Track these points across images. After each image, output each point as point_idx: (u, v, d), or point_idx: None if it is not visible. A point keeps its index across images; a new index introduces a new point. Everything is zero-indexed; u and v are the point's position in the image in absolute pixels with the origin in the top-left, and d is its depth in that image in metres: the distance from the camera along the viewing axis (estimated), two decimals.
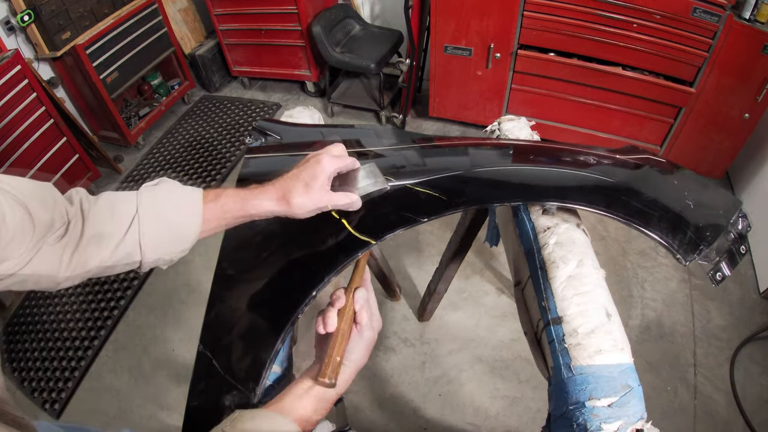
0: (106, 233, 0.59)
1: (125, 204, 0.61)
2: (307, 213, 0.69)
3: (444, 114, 2.89)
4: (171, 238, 0.63)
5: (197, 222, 0.65)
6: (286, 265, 0.80)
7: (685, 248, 0.80)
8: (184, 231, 0.64)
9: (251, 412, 0.56)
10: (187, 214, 0.64)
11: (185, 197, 0.65)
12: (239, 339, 0.74)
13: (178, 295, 2.18)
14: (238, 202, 0.66)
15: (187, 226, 0.64)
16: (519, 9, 2.23)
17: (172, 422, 1.74)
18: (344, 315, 0.64)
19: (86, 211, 0.59)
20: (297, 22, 2.89)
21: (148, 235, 0.61)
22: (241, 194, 0.67)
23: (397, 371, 1.82)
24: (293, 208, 0.68)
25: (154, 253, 0.63)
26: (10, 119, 2.20)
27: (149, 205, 0.62)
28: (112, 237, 0.59)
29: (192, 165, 2.88)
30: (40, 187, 0.57)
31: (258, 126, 1.09)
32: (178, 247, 0.65)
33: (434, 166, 0.91)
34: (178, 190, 0.66)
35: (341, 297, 0.64)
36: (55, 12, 2.43)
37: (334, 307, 0.63)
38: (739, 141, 2.21)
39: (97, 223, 0.59)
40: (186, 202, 0.65)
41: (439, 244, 2.20)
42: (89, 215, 0.59)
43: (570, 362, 0.68)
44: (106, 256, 0.59)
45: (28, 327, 2.14)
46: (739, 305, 1.93)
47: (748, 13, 1.89)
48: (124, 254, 0.60)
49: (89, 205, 0.60)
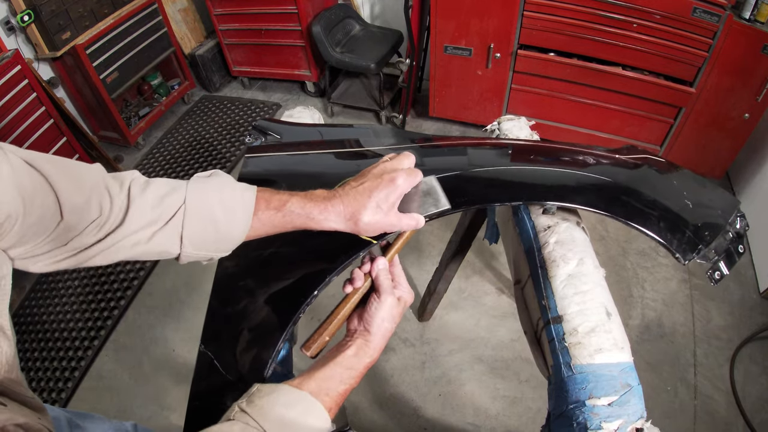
0: (147, 220, 0.56)
1: (174, 194, 0.58)
2: (374, 233, 0.65)
3: (444, 114, 2.89)
4: (215, 237, 0.60)
5: (245, 226, 0.60)
6: (287, 265, 0.80)
7: (684, 248, 0.80)
8: (230, 233, 0.60)
9: (269, 386, 0.56)
10: (236, 215, 0.60)
11: (238, 197, 0.61)
12: (240, 338, 0.74)
13: (178, 295, 2.18)
14: (302, 217, 0.62)
15: (235, 227, 0.60)
16: (519, 9, 2.23)
17: (172, 422, 1.74)
18: (350, 299, 0.65)
19: (133, 197, 0.56)
20: (297, 22, 2.89)
21: (191, 230, 0.58)
22: (306, 207, 0.61)
23: (397, 371, 1.82)
24: (361, 229, 0.63)
25: (195, 249, 0.59)
26: (10, 119, 2.20)
27: (198, 199, 0.58)
28: (154, 224, 0.56)
29: (192, 165, 2.89)
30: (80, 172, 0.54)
31: (258, 126, 1.09)
32: (222, 247, 0.62)
33: (434, 166, 0.91)
34: (230, 188, 0.61)
35: (367, 262, 0.66)
36: (55, 12, 2.43)
37: (360, 269, 0.65)
38: (739, 141, 2.21)
39: (140, 209, 0.56)
40: (238, 203, 0.60)
41: (439, 244, 2.20)
42: (134, 201, 0.56)
43: (570, 361, 0.69)
44: (142, 241, 0.56)
45: (28, 327, 2.14)
46: (739, 305, 1.93)
47: (748, 13, 1.89)
48: (162, 244, 0.57)
49: (139, 190, 0.57)
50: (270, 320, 0.74)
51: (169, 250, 0.58)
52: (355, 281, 0.66)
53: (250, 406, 0.53)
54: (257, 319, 0.75)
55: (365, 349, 0.62)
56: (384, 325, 0.64)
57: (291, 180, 0.96)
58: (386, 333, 0.65)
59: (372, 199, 0.62)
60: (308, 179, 0.95)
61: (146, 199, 0.56)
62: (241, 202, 0.60)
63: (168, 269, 2.29)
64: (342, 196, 0.62)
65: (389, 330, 0.65)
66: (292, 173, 0.99)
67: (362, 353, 0.62)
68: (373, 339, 0.63)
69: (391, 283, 0.66)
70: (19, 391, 0.47)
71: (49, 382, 1.92)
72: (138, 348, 2.01)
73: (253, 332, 0.74)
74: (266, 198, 0.62)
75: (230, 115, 3.26)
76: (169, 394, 1.83)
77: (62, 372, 1.95)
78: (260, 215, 0.61)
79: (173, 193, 0.58)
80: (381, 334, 0.64)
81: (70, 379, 1.92)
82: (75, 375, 1.93)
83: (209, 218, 0.58)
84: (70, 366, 1.97)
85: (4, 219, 0.46)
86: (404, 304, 0.67)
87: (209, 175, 0.62)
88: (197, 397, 0.70)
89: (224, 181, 0.62)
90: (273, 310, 0.75)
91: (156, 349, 2.00)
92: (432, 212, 0.71)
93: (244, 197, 0.61)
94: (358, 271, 0.66)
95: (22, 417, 0.42)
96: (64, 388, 1.89)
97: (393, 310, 0.65)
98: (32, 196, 0.48)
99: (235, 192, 0.61)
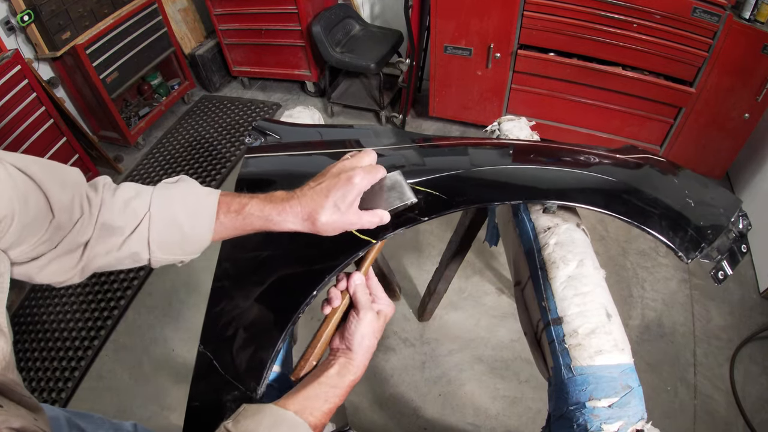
0: (116, 226, 0.58)
1: (139, 199, 0.60)
2: (333, 232, 0.65)
3: (444, 114, 2.89)
4: (181, 241, 0.62)
5: (208, 229, 0.62)
6: (286, 265, 0.80)
7: (687, 246, 0.80)
8: (196, 236, 0.62)
9: (256, 407, 0.56)
10: (200, 220, 0.62)
11: (200, 202, 0.63)
12: (240, 339, 0.74)
13: (178, 295, 2.18)
14: (261, 219, 0.63)
15: (199, 231, 0.62)
16: (519, 9, 2.23)
17: (172, 422, 1.74)
18: (330, 319, 0.65)
19: (105, 201, 0.58)
20: (297, 22, 2.89)
21: (157, 235, 0.60)
22: (265, 210, 0.63)
23: (397, 371, 1.82)
24: (319, 229, 0.63)
25: (163, 253, 0.61)
26: (10, 119, 2.20)
27: (162, 205, 0.60)
28: (122, 232, 0.58)
29: (192, 165, 2.88)
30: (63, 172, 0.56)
31: (257, 126, 1.09)
32: (188, 249, 0.63)
33: (434, 166, 0.91)
34: (193, 194, 0.63)
35: (343, 279, 0.67)
36: (55, 12, 2.43)
37: (336, 288, 0.66)
38: (739, 141, 2.21)
39: (110, 213, 0.58)
40: (200, 208, 0.62)
41: (439, 244, 2.20)
42: (104, 204, 0.58)
43: (570, 362, 0.68)
44: (113, 250, 0.58)
45: (28, 327, 2.14)
46: (739, 305, 1.93)
47: (748, 13, 1.89)
48: (131, 251, 0.59)
49: (109, 194, 0.59)
50: (269, 320, 0.74)
51: (139, 255, 0.60)
52: (333, 301, 0.66)
53: (236, 427, 0.54)
54: (256, 319, 0.75)
55: (348, 367, 0.63)
56: (365, 342, 0.64)
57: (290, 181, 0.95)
58: (368, 349, 0.65)
59: (329, 198, 0.62)
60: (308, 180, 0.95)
61: (114, 202, 0.59)
62: (204, 206, 0.62)
63: (168, 269, 2.29)
64: (300, 197, 0.63)
65: (371, 346, 0.65)
66: (291, 174, 0.99)
67: (345, 371, 0.62)
68: (355, 357, 0.63)
69: (369, 298, 0.66)
70: (16, 390, 0.47)
71: (49, 382, 1.92)
72: (138, 348, 2.01)
73: (252, 332, 0.74)
74: (227, 202, 0.63)
75: (230, 115, 3.26)
76: (169, 394, 1.83)
77: (62, 372, 1.95)
78: (222, 219, 0.63)
79: (138, 198, 0.60)
80: (363, 351, 0.64)
81: (70, 379, 1.92)
82: (75, 375, 1.93)
83: (174, 223, 0.60)
84: (70, 366, 1.97)
85: (1, 218, 0.48)
86: (384, 318, 0.68)
87: (176, 181, 0.64)
88: (196, 397, 0.71)
89: (188, 187, 0.64)
90: (272, 310, 0.75)
91: (156, 349, 2.00)
92: (397, 206, 0.69)
93: (207, 202, 0.63)
94: (335, 290, 0.67)
95: (18, 420, 0.42)
96: (64, 388, 1.89)
97: (373, 324, 0.65)
98: (25, 196, 0.50)
99: (199, 197, 0.63)
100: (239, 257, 0.84)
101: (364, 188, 0.64)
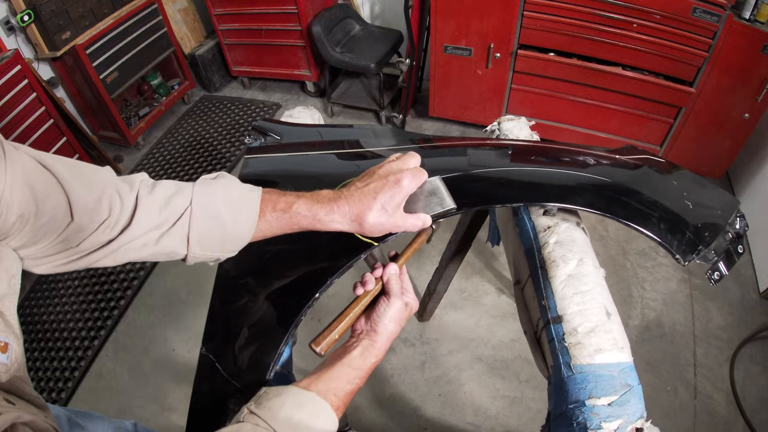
0: (155, 222, 0.57)
1: (180, 195, 0.58)
2: (379, 234, 0.66)
3: (444, 114, 2.89)
4: (222, 237, 0.60)
5: (251, 226, 0.61)
6: (288, 267, 0.80)
7: (684, 248, 0.80)
8: (237, 233, 0.61)
9: (277, 389, 0.56)
10: (242, 215, 0.60)
11: (244, 198, 0.61)
12: (242, 341, 0.74)
13: (178, 295, 2.18)
14: (308, 218, 0.62)
15: (241, 228, 0.61)
16: (519, 9, 2.23)
17: (173, 422, 1.74)
18: (360, 300, 0.67)
19: (141, 198, 0.57)
20: (297, 22, 2.89)
21: (197, 231, 0.58)
22: (313, 209, 0.62)
23: (397, 371, 1.82)
24: (365, 230, 0.63)
25: (202, 250, 0.60)
26: (10, 119, 2.20)
27: (204, 200, 0.59)
28: (161, 227, 0.57)
29: (192, 165, 2.89)
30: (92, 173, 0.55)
31: (257, 126, 1.09)
32: (228, 246, 0.62)
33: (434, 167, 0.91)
34: (236, 189, 0.62)
35: (379, 267, 0.68)
36: (55, 12, 2.43)
37: (372, 273, 0.67)
38: (739, 141, 2.21)
39: (147, 211, 0.56)
40: (243, 203, 0.61)
41: (439, 244, 2.19)
42: (142, 202, 0.57)
43: (570, 361, 0.69)
44: (149, 243, 0.57)
45: (28, 327, 2.14)
46: (739, 305, 1.93)
47: (748, 13, 1.89)
48: (168, 246, 0.58)
49: (147, 192, 0.58)
50: (271, 322, 0.74)
51: (176, 251, 0.59)
52: (367, 284, 0.67)
53: (259, 408, 0.54)
54: (259, 321, 0.75)
55: (371, 349, 0.64)
56: (390, 326, 0.66)
57: (291, 181, 0.96)
58: (391, 335, 0.66)
59: (377, 200, 0.62)
60: (308, 180, 0.95)
61: (154, 199, 0.57)
62: (247, 202, 0.61)
63: (168, 269, 2.29)
64: (347, 197, 0.62)
65: (394, 332, 0.67)
66: (291, 174, 0.99)
67: (368, 353, 0.63)
68: (379, 339, 0.65)
69: (400, 289, 0.68)
70: (25, 389, 0.48)
71: (49, 382, 1.92)
72: (138, 348, 2.01)
73: (254, 334, 0.74)
74: (273, 200, 0.62)
75: (230, 115, 3.26)
76: (169, 394, 1.83)
77: (62, 372, 1.95)
78: (267, 216, 0.62)
79: (179, 194, 0.58)
80: (387, 335, 0.65)
81: (70, 378, 1.92)
82: (75, 375, 1.93)
83: (215, 218, 0.59)
84: (70, 366, 1.97)
85: (16, 218, 0.47)
86: (410, 311, 0.69)
87: (215, 177, 0.63)
88: (199, 399, 0.71)
89: (230, 182, 0.63)
90: (274, 312, 0.75)
91: (156, 349, 2.00)
92: (437, 212, 0.71)
93: (250, 198, 0.61)
94: (370, 275, 0.68)
95: (29, 415, 0.43)
96: (64, 387, 1.89)
97: (400, 313, 0.67)
98: (44, 196, 0.49)
99: (242, 193, 0.62)
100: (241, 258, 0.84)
101: (411, 191, 0.64)
